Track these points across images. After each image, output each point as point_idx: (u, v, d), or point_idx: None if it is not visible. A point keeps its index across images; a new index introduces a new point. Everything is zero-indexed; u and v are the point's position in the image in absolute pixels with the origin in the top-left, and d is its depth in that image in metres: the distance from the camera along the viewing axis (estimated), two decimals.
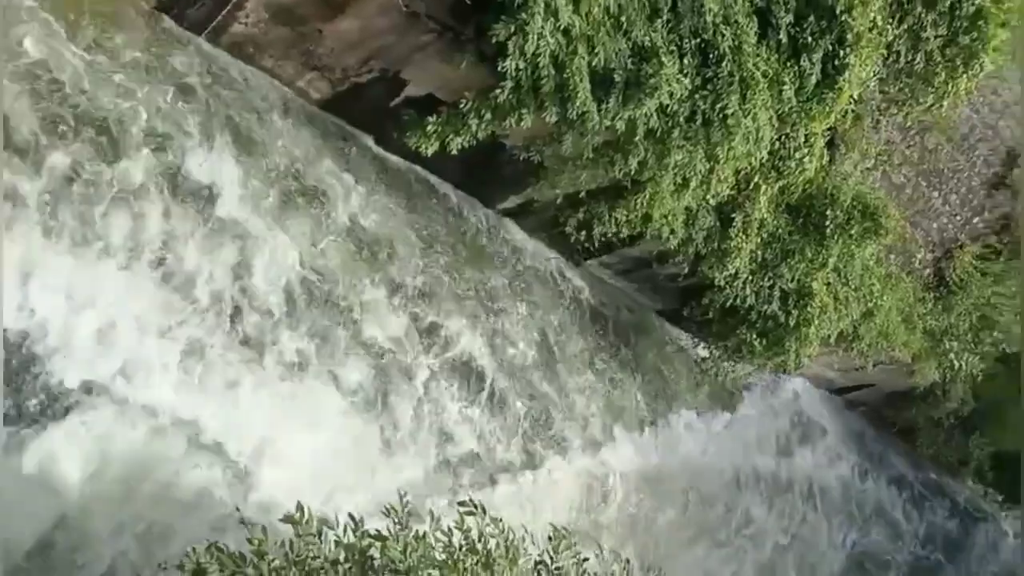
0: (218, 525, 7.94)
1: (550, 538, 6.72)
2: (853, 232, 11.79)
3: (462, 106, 9.20)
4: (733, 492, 15.48)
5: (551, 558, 6.66)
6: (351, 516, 5.72)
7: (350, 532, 5.71)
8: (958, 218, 14.52)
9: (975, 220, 14.73)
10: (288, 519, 5.45)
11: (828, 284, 12.18)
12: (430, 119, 9.37)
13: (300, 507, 5.48)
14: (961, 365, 15.32)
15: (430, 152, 9.49)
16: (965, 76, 11.20)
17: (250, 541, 5.30)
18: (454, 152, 9.42)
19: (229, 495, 8.58)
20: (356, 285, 10.62)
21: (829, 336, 12.60)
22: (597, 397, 13.49)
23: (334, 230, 10.61)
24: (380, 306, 10.81)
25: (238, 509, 8.41)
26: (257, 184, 9.98)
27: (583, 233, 11.29)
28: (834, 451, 17.98)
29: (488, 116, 9.13)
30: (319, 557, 5.54)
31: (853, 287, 12.53)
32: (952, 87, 11.28)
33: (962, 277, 14.67)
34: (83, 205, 8.57)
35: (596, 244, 11.44)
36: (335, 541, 5.64)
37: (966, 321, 15.09)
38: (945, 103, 11.59)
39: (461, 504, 6.20)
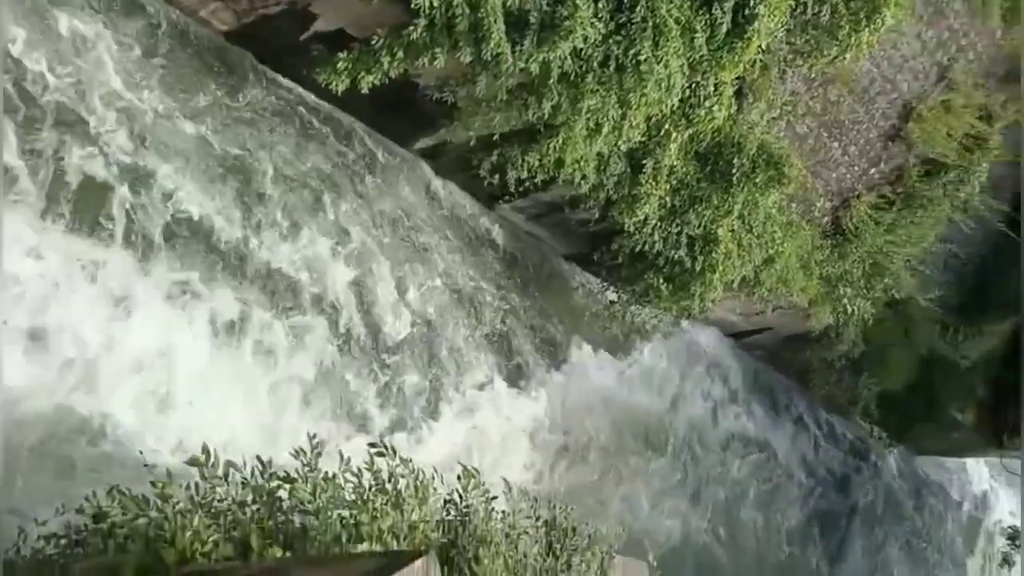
0: None
1: (459, 477, 6.82)
2: (758, 180, 12.06)
3: (374, 43, 8.99)
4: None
5: (460, 497, 6.78)
6: (258, 459, 5.68)
7: (258, 474, 5.67)
8: (856, 169, 14.99)
9: (871, 171, 15.25)
10: (193, 461, 5.36)
11: (733, 231, 12.49)
12: (341, 55, 9.13)
13: (205, 449, 5.40)
14: (854, 310, 15.96)
15: (340, 89, 9.26)
16: (867, 30, 11.48)
17: (153, 484, 5.21)
18: (365, 90, 9.22)
19: None
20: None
21: (732, 281, 12.98)
22: (506, 338, 13.69)
23: None
24: None
25: (140, 452, 8.31)
26: None
27: (496, 177, 11.26)
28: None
29: (400, 54, 8.95)
30: (226, 499, 5.50)
31: (756, 234, 12.90)
32: (855, 40, 11.54)
33: (857, 226, 15.20)
34: None
35: (509, 188, 11.44)
36: (242, 483, 5.59)
37: (859, 268, 15.68)
38: (848, 56, 11.86)
39: (372, 446, 6.21)
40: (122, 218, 9.63)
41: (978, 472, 29.86)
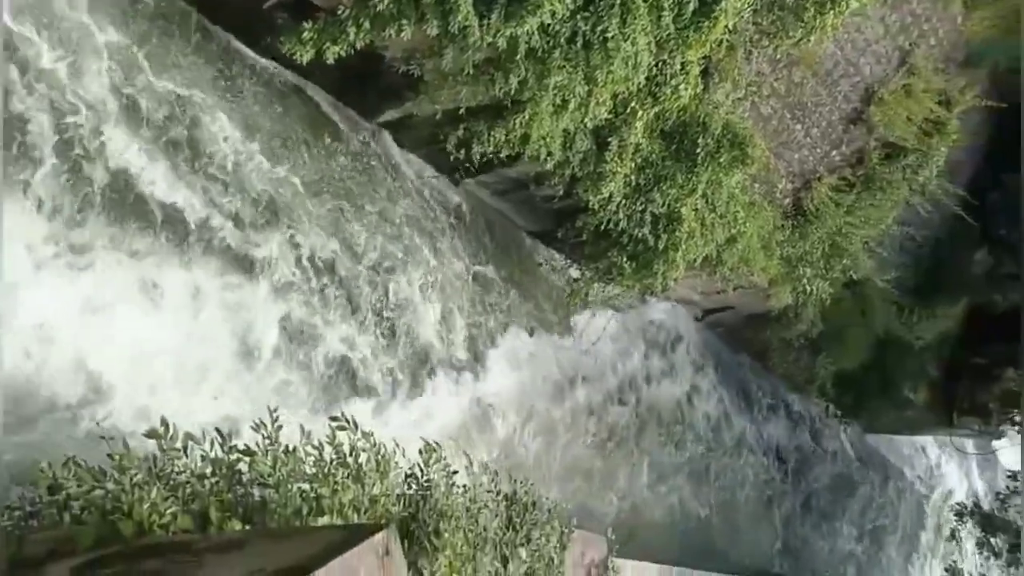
0: None
1: (420, 452, 6.86)
2: (722, 160, 12.10)
3: (340, 13, 8.85)
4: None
5: (421, 471, 6.82)
6: (218, 431, 5.64)
7: (217, 447, 5.64)
8: (818, 151, 15.16)
9: (833, 153, 15.43)
10: (152, 434, 5.32)
11: (696, 210, 12.55)
12: (306, 25, 8.97)
13: (164, 422, 5.36)
14: (813, 290, 16.18)
15: (305, 60, 9.13)
16: (832, 12, 11.56)
17: (111, 456, 5.16)
18: (330, 61, 9.10)
19: None
20: None
21: (695, 260, 13.05)
22: (469, 313, 13.72)
23: None
24: None
25: (98, 424, 8.21)
26: None
27: (462, 151, 11.19)
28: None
29: (367, 25, 8.82)
30: (184, 472, 5.46)
31: (719, 213, 12.98)
32: (820, 22, 11.63)
33: (818, 207, 15.39)
34: None
35: (475, 163, 11.39)
36: (201, 456, 5.56)
37: (819, 249, 15.88)
38: (813, 38, 11.94)
39: (333, 419, 6.20)
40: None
41: (928, 450, 30.70)
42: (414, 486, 6.71)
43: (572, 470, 15.20)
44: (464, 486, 7.20)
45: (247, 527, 5.10)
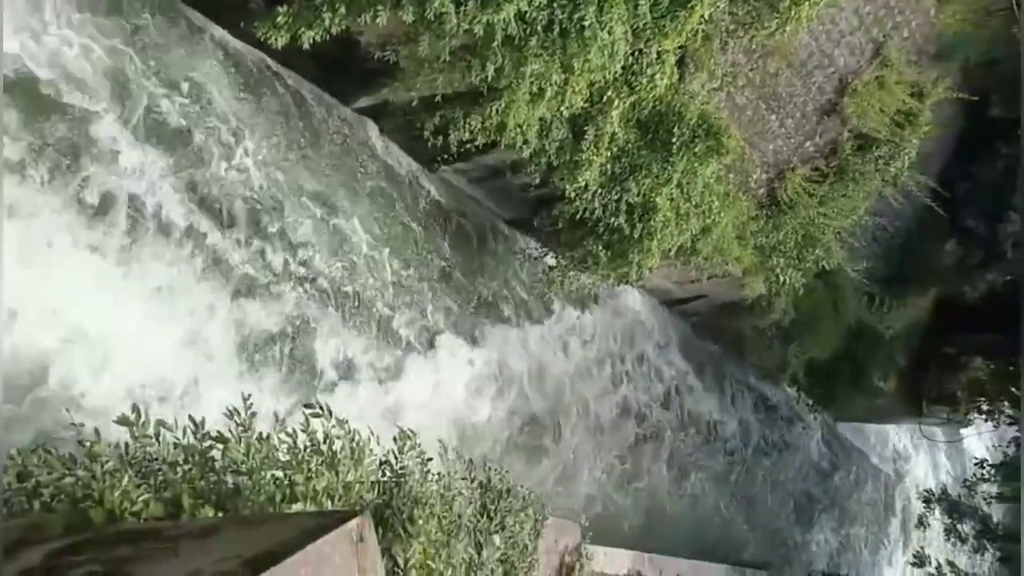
0: None
1: (395, 439, 6.86)
2: (697, 150, 12.14)
3: None
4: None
5: (396, 458, 6.83)
6: (191, 418, 5.61)
7: (190, 434, 5.60)
8: (792, 141, 15.26)
9: (807, 144, 15.54)
10: (123, 421, 5.27)
11: (671, 199, 12.59)
12: (280, 10, 8.88)
13: (136, 408, 5.31)
14: (785, 280, 16.34)
15: (280, 45, 9.04)
16: (807, 3, 11.63)
17: (81, 443, 5.11)
18: (306, 46, 9.02)
19: None
20: None
21: (670, 249, 13.11)
22: (439, 302, 13.70)
23: None
24: None
25: (68, 410, 8.11)
26: None
27: (439, 139, 11.15)
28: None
29: (342, 10, 8.75)
30: (157, 459, 5.43)
31: (694, 203, 13.02)
32: (795, 13, 11.69)
33: (792, 198, 15.50)
34: None
35: (452, 151, 11.35)
36: (174, 443, 5.53)
37: (792, 239, 16.01)
38: (788, 28, 12.00)
39: (307, 406, 6.18)
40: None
41: (898, 438, 31.15)
42: (388, 473, 6.71)
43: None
44: (439, 473, 7.21)
45: (220, 514, 5.08)
